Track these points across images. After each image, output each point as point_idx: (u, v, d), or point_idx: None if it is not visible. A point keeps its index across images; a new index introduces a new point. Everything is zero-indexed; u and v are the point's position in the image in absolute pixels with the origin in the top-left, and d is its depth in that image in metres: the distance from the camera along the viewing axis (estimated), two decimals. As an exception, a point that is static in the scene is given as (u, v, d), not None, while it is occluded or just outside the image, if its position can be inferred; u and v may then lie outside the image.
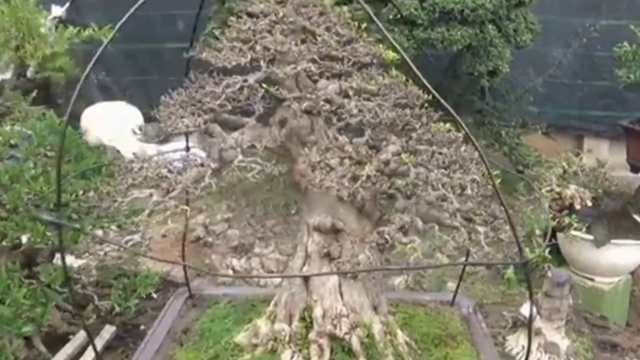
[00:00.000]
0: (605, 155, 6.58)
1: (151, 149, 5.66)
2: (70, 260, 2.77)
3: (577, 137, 7.07)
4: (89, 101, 6.59)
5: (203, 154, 1.82)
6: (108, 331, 2.89)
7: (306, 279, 1.90)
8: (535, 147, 5.68)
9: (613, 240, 3.81)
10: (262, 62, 1.66)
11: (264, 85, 1.70)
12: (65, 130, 1.50)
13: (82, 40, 6.57)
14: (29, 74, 6.58)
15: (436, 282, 3.74)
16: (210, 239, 5.04)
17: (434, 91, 1.41)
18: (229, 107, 1.85)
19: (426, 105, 1.85)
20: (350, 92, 1.73)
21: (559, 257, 4.11)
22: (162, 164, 1.62)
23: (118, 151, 5.69)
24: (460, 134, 1.79)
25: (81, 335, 2.85)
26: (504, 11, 4.41)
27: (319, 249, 1.86)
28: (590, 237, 3.84)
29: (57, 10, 6.91)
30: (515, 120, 5.37)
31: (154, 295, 2.73)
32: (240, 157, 1.65)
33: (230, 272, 4.57)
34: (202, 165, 1.64)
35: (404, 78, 1.82)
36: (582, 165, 4.39)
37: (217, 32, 4.75)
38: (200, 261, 4.83)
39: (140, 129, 1.72)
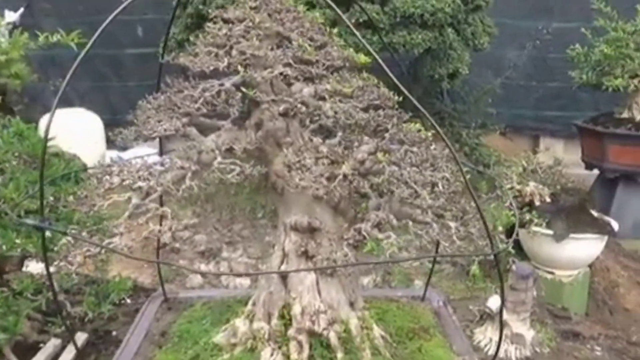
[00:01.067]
0: (560, 154, 6.80)
1: (112, 155, 5.62)
2: (40, 267, 2.75)
3: (534, 137, 7.30)
4: (46, 108, 6.48)
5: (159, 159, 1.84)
6: (80, 338, 2.87)
7: (284, 278, 1.94)
8: (494, 147, 5.85)
9: (572, 235, 3.97)
10: (239, 67, 1.70)
11: (242, 89, 1.74)
12: (47, 136, 1.51)
13: (39, 46, 6.48)
14: (-19, 81, 6.42)
15: (404, 280, 3.83)
16: (177, 245, 5.00)
17: (407, 93, 1.48)
18: (205, 111, 1.88)
19: (396, 106, 1.91)
20: (326, 95, 1.78)
21: (521, 252, 4.25)
22: (142, 167, 1.64)
23: (78, 158, 5.62)
24: (429, 133, 1.86)
25: (51, 344, 2.83)
26: (463, 15, 4.54)
27: (297, 247, 1.91)
28: (550, 232, 3.99)
29: (11, 16, 6.78)
30: (474, 122, 5.52)
31: (128, 301, 2.73)
32: (219, 158, 1.68)
33: (199, 276, 4.58)
34: (182, 167, 1.67)
35: (375, 80, 1.89)
36: (539, 164, 4.55)
37: (179, 37, 4.77)
38: (167, 267, 4.81)
39: (120, 132, 1.73)
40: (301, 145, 1.87)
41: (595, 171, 5.78)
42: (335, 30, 2.07)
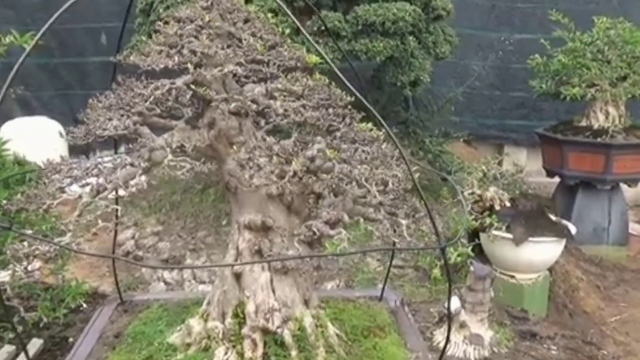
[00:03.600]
0: (523, 162, 6.94)
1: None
2: (-8, 273, 2.70)
3: (497, 145, 7.42)
4: (7, 116, 6.39)
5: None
6: (35, 344, 2.83)
7: (238, 276, 1.95)
8: (458, 155, 5.94)
9: (531, 238, 4.04)
10: (189, 65, 1.71)
11: (192, 87, 1.75)
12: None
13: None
14: (-57, 89, 6.31)
15: (367, 285, 3.85)
16: (140, 253, 4.98)
17: (355, 91, 1.51)
18: (158, 111, 1.88)
19: (349, 107, 1.94)
20: (276, 94, 1.80)
21: (482, 256, 4.31)
22: (92, 165, 1.64)
23: (37, 165, 5.55)
24: (381, 133, 1.89)
25: (4, 351, 2.78)
26: (423, 24, 4.62)
27: (250, 246, 1.92)
28: (510, 235, 4.06)
29: (-30, 24, 6.68)
30: (438, 130, 5.60)
31: (84, 305, 2.70)
32: (170, 156, 1.69)
33: (162, 284, 4.54)
34: (132, 165, 1.67)
35: (327, 81, 1.91)
36: (500, 171, 4.63)
37: (142, 45, 4.75)
38: (130, 275, 4.77)
39: (66, 133, 1.73)
40: (254, 144, 1.89)
41: (557, 179, 5.91)
42: (297, 38, 2.09)
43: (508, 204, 4.19)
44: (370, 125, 1.92)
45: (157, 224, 5.30)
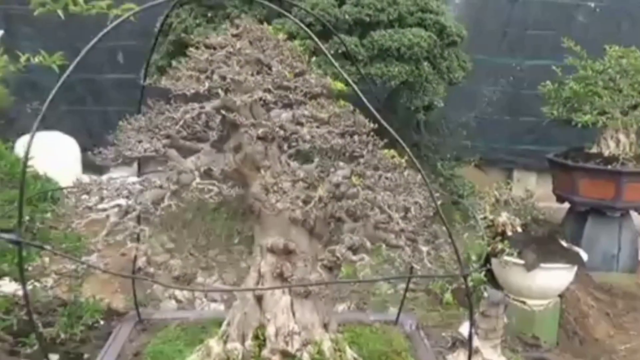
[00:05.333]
0: (533, 187, 6.94)
1: (87, 179, 5.60)
2: (13, 287, 2.73)
3: (507, 170, 7.44)
4: (22, 130, 6.46)
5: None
6: (51, 360, 2.84)
7: (259, 299, 1.97)
8: (468, 179, 5.96)
9: (542, 264, 4.05)
10: (219, 90, 1.75)
11: (223, 112, 1.79)
12: (28, 155, 1.54)
13: (18, 69, 6.47)
14: (-40, 102, 6.40)
15: (379, 307, 3.86)
16: (151, 270, 4.96)
17: (381, 120, 1.54)
18: (185, 134, 1.92)
19: (372, 133, 1.98)
20: (303, 120, 1.84)
21: (493, 281, 4.31)
22: (121, 185, 1.68)
23: (55, 181, 5.59)
24: (403, 160, 1.92)
25: (21, 366, 2.80)
26: (438, 50, 4.67)
27: (272, 269, 1.94)
28: (521, 261, 4.07)
29: (-10, 39, 6.78)
30: (449, 154, 5.63)
31: (101, 322, 2.72)
32: (198, 179, 1.72)
33: (173, 302, 4.55)
34: (160, 187, 1.71)
35: (351, 108, 1.95)
36: (512, 196, 4.65)
37: (160, 63, 4.83)
38: (142, 292, 4.78)
39: (99, 152, 1.77)
40: (279, 168, 1.92)
41: (566, 204, 5.91)
42: (313, 60, 2.14)
43: (520, 230, 4.20)
44: (392, 152, 1.95)
45: (168, 241, 5.32)
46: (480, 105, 6.76)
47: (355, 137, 1.85)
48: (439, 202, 1.65)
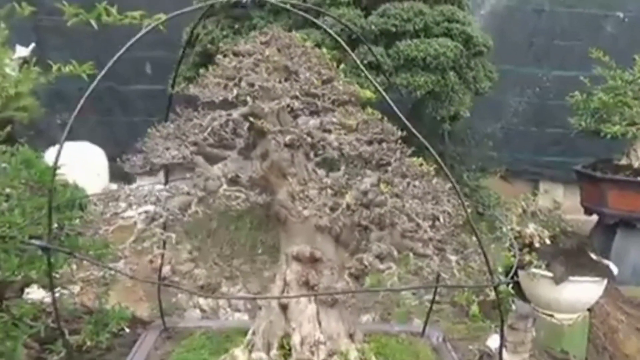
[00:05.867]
0: (560, 199, 6.85)
1: (115, 187, 5.65)
2: (40, 294, 2.75)
3: (533, 181, 7.35)
4: (51, 141, 6.56)
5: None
6: (77, 368, 2.85)
7: (285, 308, 1.95)
8: (494, 189, 5.89)
9: (571, 277, 3.97)
10: (247, 98, 1.75)
11: (250, 119, 1.79)
12: (57, 162, 1.55)
13: (48, 80, 6.58)
14: (-10, 114, 6.52)
15: (403, 319, 3.81)
16: (176, 279, 5.01)
17: (412, 128, 1.53)
18: (211, 141, 1.92)
19: (400, 141, 1.96)
20: (331, 127, 1.83)
21: (520, 294, 4.24)
22: (149, 192, 1.68)
23: (80, 188, 5.65)
24: (431, 168, 1.90)
25: (47, 373, 2.81)
26: (464, 60, 4.64)
27: (298, 277, 1.93)
28: (549, 274, 3.99)
29: (22, 51, 6.90)
30: (475, 164, 5.57)
31: (126, 330, 2.72)
32: (225, 186, 1.72)
33: (198, 311, 4.56)
34: (188, 193, 1.70)
35: (380, 115, 1.94)
36: (539, 207, 4.58)
37: (187, 74, 4.87)
38: (166, 300, 4.79)
39: (127, 159, 1.77)
40: (305, 176, 1.91)
41: (595, 216, 5.81)
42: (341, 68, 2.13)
43: (548, 242, 4.13)
44: (420, 159, 1.93)
45: (193, 249, 5.34)
46: (506, 115, 6.69)
47: (384, 145, 1.83)
48: (470, 210, 1.62)
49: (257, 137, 1.92)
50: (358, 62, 1.55)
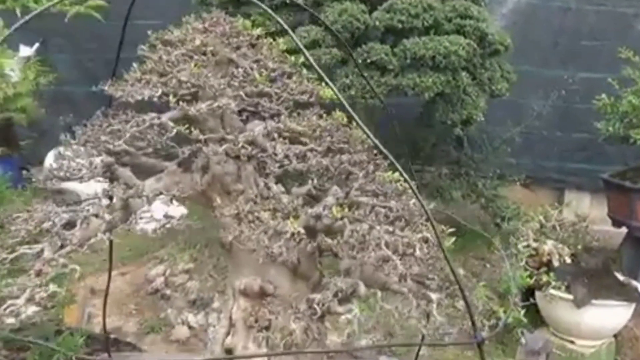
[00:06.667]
0: (586, 209, 6.41)
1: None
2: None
3: (558, 190, 6.91)
4: (55, 143, 6.35)
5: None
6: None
7: (229, 353, 1.61)
8: (515, 199, 5.49)
9: (594, 301, 3.57)
10: (170, 97, 1.42)
11: (172, 124, 1.46)
12: None
13: (49, 81, 6.39)
14: (-12, 114, 6.36)
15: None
16: (168, 292, 4.72)
17: (367, 131, 1.17)
18: (149, 150, 1.60)
19: (374, 152, 1.61)
20: (277, 134, 1.49)
21: (537, 317, 3.85)
22: (47, 216, 1.35)
23: (75, 193, 5.40)
24: (413, 183, 1.54)
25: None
26: (479, 59, 4.27)
27: (245, 316, 1.59)
28: (570, 296, 3.61)
29: (26, 51, 6.72)
30: (492, 172, 5.17)
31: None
32: (145, 207, 1.39)
33: (185, 328, 4.25)
34: (96, 216, 1.38)
35: (345, 120, 1.59)
36: (560, 220, 4.17)
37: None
38: (155, 315, 4.51)
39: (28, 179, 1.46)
40: (255, 193, 1.57)
41: (624, 229, 5.38)
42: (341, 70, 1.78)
43: (568, 260, 3.73)
44: (397, 175, 1.57)
45: (190, 260, 5.04)
46: (527, 119, 6.28)
47: (345, 157, 1.48)
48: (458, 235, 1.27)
49: (198, 146, 1.59)
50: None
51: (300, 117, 1.51)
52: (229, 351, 1.62)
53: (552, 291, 3.59)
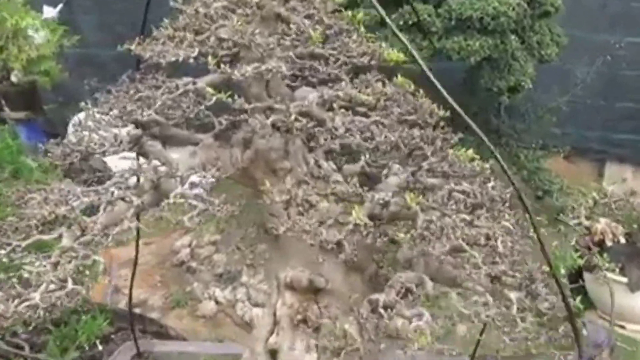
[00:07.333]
0: (629, 182, 6.11)
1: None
2: None
3: (599, 161, 6.59)
4: (79, 107, 6.21)
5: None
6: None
7: (274, 354, 1.41)
8: (555, 171, 5.20)
9: (652, 284, 3.33)
10: (209, 59, 1.18)
11: (211, 91, 1.23)
12: None
13: (73, 44, 6.19)
14: (13, 77, 6.19)
15: None
16: (194, 264, 4.56)
17: (456, 105, 0.94)
18: (180, 120, 1.38)
19: (441, 125, 1.37)
20: (335, 104, 1.25)
21: (585, 300, 3.61)
22: (64, 199, 1.14)
23: (104, 163, 5.24)
24: (487, 165, 1.30)
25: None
26: (528, 21, 3.96)
27: (291, 313, 1.38)
28: (623, 279, 3.36)
29: (50, 12, 6.51)
30: (535, 142, 4.87)
31: (99, 347, 2.23)
32: (179, 189, 1.17)
33: (212, 303, 4.09)
34: (123, 199, 1.16)
35: (412, 87, 1.34)
36: (611, 196, 3.89)
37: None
38: (181, 289, 4.36)
39: (53, 146, 1.25)
40: (305, 172, 1.34)
41: (674, 205, 5.08)
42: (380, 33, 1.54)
43: (623, 240, 3.47)
44: (470, 152, 1.33)
45: (216, 231, 4.85)
46: (571, 87, 5.94)
47: (416, 131, 1.24)
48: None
49: (240, 117, 1.36)
50: (390, 22, 0.96)
51: (362, 84, 1.28)
52: (273, 352, 1.41)
53: (605, 273, 3.34)
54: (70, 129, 5.76)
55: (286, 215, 1.32)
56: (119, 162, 1.36)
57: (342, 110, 1.23)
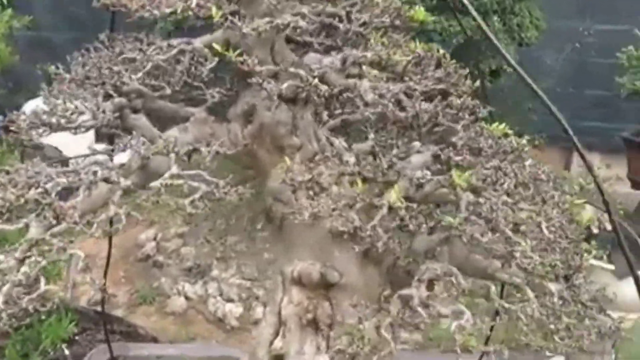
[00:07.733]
0: (595, 170, 6.12)
1: (101, 148, 4.93)
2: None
3: (566, 149, 6.63)
4: (32, 93, 5.92)
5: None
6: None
7: (279, 359, 1.23)
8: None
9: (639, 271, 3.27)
10: (213, 10, 0.99)
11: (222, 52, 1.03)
12: None
13: (25, 25, 5.85)
14: (-42, 60, 5.81)
15: None
16: (160, 258, 4.32)
17: (522, 72, 0.77)
18: (168, 91, 1.17)
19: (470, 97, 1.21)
20: (363, 68, 1.07)
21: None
22: (35, 181, 0.93)
23: (57, 149, 4.95)
24: (524, 141, 1.16)
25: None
26: (509, 2, 3.84)
27: (300, 312, 1.20)
28: (611, 266, 3.30)
29: (-2, -9, 6.15)
30: (513, 129, 4.80)
31: (65, 351, 2.01)
32: (173, 169, 0.97)
33: (182, 299, 3.87)
34: (107, 180, 0.96)
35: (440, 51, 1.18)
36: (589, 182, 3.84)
37: None
38: (147, 284, 4.13)
39: (16, 118, 1.03)
40: (315, 149, 1.16)
41: (642, 191, 5.10)
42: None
43: (609, 227, 3.40)
44: (502, 127, 1.18)
45: (183, 223, 4.61)
46: (541, 75, 5.92)
47: (452, 101, 1.07)
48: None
49: (239, 86, 1.17)
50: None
51: (391, 44, 1.10)
52: (278, 358, 1.23)
53: (592, 261, 3.27)
54: (25, 113, 5.46)
55: (294, 200, 1.14)
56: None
57: (375, 73, 1.05)
